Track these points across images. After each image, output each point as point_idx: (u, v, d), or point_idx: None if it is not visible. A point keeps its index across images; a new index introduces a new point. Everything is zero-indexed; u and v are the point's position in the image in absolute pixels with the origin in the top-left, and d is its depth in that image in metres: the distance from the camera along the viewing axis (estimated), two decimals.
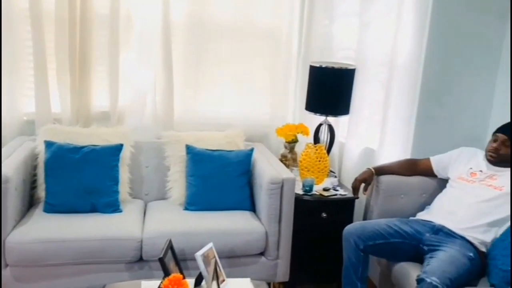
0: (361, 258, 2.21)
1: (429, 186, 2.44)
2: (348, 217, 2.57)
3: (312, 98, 2.75)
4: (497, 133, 2.20)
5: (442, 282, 1.82)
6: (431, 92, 2.59)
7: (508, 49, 2.60)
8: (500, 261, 1.95)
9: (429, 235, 2.16)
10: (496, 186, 2.16)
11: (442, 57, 2.57)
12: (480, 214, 2.14)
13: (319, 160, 2.65)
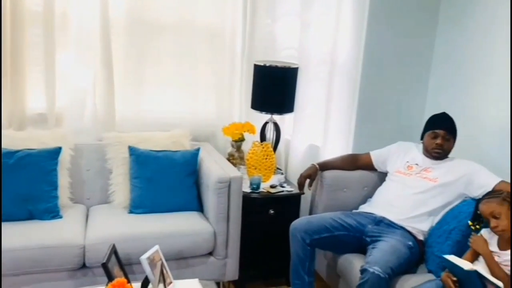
0: (308, 252, 2.25)
1: (370, 180, 2.54)
2: (295, 212, 2.62)
3: (257, 97, 2.77)
4: (436, 130, 2.28)
5: (384, 271, 1.89)
6: (370, 89, 2.70)
7: (440, 46, 2.76)
8: (436, 248, 2.06)
9: (371, 227, 2.25)
10: (431, 178, 2.28)
11: (379, 56, 2.69)
12: (417, 205, 2.24)
13: (265, 158, 2.67)
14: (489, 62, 2.44)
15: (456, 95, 2.63)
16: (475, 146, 2.47)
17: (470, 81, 2.56)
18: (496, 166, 2.24)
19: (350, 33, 2.63)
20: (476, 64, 2.51)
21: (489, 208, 1.76)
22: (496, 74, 2.40)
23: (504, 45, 2.34)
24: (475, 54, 2.52)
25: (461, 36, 2.61)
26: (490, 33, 2.43)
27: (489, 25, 2.44)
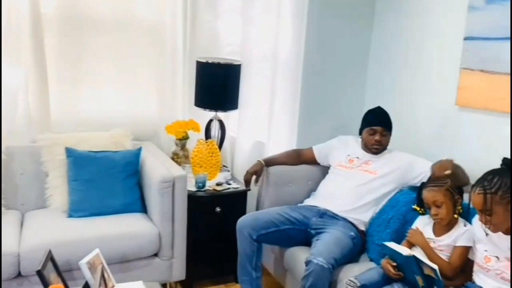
0: (255, 248, 2.26)
1: (313, 174, 2.59)
2: (241, 209, 2.61)
3: (201, 94, 2.73)
4: (373, 127, 2.35)
5: (328, 262, 1.94)
6: (311, 86, 2.76)
7: (376, 43, 2.87)
8: (376, 237, 2.14)
9: (315, 219, 2.29)
10: (371, 171, 2.36)
11: (319, 53, 2.75)
12: (359, 197, 2.32)
13: (211, 156, 2.65)
14: (418, 58, 2.56)
15: (392, 89, 2.75)
16: (411, 136, 2.59)
17: (403, 75, 2.68)
18: (431, 155, 2.36)
19: (290, 30, 2.67)
20: (408, 60, 2.63)
21: (433, 197, 1.84)
22: (425, 68, 2.52)
23: (433, 40, 2.47)
24: (407, 51, 2.64)
25: (394, 34, 2.73)
26: (420, 30, 2.55)
27: (419, 23, 2.56)
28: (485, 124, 2.20)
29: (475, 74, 2.18)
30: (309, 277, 1.94)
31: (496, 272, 1.64)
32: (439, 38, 2.44)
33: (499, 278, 1.63)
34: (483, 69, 2.15)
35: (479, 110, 2.21)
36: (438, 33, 2.44)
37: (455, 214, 1.85)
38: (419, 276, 1.70)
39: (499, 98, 2.09)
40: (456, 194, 1.86)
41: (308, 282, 1.95)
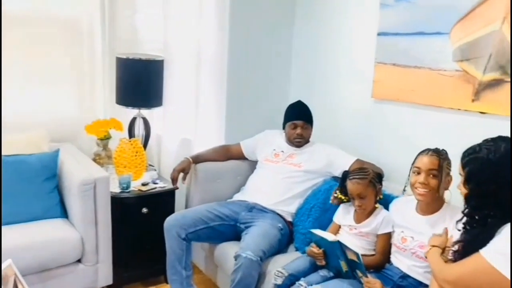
0: (184, 247, 2.23)
1: (241, 169, 2.61)
2: (170, 208, 2.56)
3: (122, 91, 2.64)
4: (294, 121, 2.42)
5: (256, 254, 1.97)
6: (237, 81, 2.76)
7: (298, 39, 2.94)
8: (300, 227, 2.21)
9: (244, 214, 2.31)
10: (295, 163, 2.41)
11: (244, 48, 2.76)
12: (285, 190, 2.36)
13: (135, 155, 2.56)
14: (337, 53, 2.67)
15: (315, 83, 2.83)
16: (334, 129, 2.68)
17: (324, 70, 2.77)
18: (352, 146, 2.48)
19: (214, 25, 2.65)
20: (328, 55, 2.73)
21: (357, 190, 1.92)
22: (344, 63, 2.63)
23: (349, 35, 2.58)
24: (327, 47, 2.73)
25: (315, 26, 2.80)
26: (338, 26, 2.65)
27: (337, 19, 2.66)
28: (399, 115, 2.33)
29: (388, 68, 2.31)
30: (239, 271, 1.96)
31: (411, 251, 1.75)
32: (355, 33, 2.55)
33: (414, 256, 1.75)
34: (395, 63, 2.28)
35: (392, 102, 2.35)
36: (354, 29, 2.55)
37: (376, 204, 1.95)
38: (343, 261, 1.77)
39: (410, 90, 2.23)
40: (377, 184, 1.95)
41: (237, 276, 1.96)
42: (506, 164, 1.30)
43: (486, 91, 1.91)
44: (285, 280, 1.87)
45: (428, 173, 1.71)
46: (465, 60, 1.98)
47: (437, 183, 1.69)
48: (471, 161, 1.36)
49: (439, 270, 1.43)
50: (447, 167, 1.72)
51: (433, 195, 1.71)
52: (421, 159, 1.74)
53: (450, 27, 2.02)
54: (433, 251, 1.56)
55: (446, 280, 1.35)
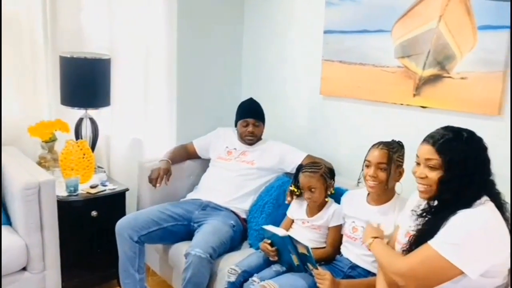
0: (137, 250, 2.19)
1: (194, 168, 2.60)
2: (121, 211, 2.50)
3: (67, 91, 2.54)
4: (246, 119, 2.42)
5: (205, 251, 1.97)
6: (187, 78, 2.73)
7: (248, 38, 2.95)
8: (253, 223, 2.22)
9: (198, 212, 2.30)
10: (248, 161, 2.43)
11: (193, 46, 2.74)
12: (238, 187, 2.37)
13: (83, 157, 2.48)
14: (286, 51, 2.70)
15: (265, 81, 2.86)
16: (285, 126, 2.72)
17: (274, 68, 2.80)
18: (303, 143, 2.52)
19: (162, 22, 2.61)
20: (278, 53, 2.76)
21: (308, 183, 1.95)
22: (293, 61, 2.67)
23: (298, 34, 2.62)
24: (276, 45, 2.76)
25: (263, 24, 2.83)
26: (286, 24, 2.69)
27: (285, 17, 2.70)
28: (346, 111, 2.40)
29: (335, 65, 2.37)
30: (189, 269, 1.95)
31: (361, 241, 1.81)
32: (303, 32, 2.59)
33: (364, 245, 1.79)
34: (341, 60, 2.34)
35: (340, 98, 2.41)
36: (302, 27, 2.59)
37: (326, 198, 1.99)
38: (294, 255, 1.81)
39: (356, 87, 2.30)
40: (328, 179, 1.99)
41: (188, 274, 1.96)
42: (477, 148, 1.36)
43: (426, 86, 2.01)
44: (239, 277, 1.89)
45: (377, 166, 1.76)
46: (406, 56, 2.06)
47: (386, 176, 1.75)
48: (447, 147, 1.35)
49: (388, 262, 1.44)
50: (398, 159, 1.77)
51: (382, 187, 1.76)
52: (372, 153, 1.79)
53: (391, 25, 2.10)
54: (377, 243, 1.58)
55: (396, 272, 1.36)
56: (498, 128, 1.79)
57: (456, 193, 1.33)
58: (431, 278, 1.29)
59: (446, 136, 1.37)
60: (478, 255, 1.27)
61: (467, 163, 1.33)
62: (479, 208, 1.32)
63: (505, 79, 1.75)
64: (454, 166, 1.33)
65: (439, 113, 1.98)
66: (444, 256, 1.26)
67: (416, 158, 1.43)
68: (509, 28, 1.72)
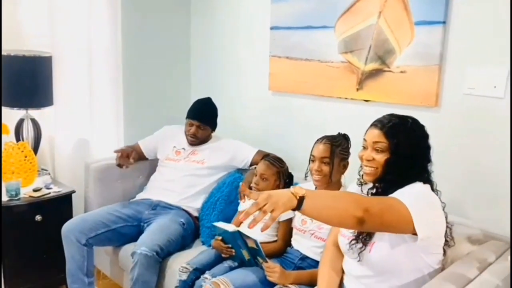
0: (85, 253, 2.14)
1: (143, 168, 2.55)
2: (67, 213, 2.41)
3: (6, 91, 2.40)
4: (192, 120, 2.35)
5: (151, 249, 1.94)
6: (134, 75, 2.68)
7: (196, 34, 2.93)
8: (205, 220, 2.22)
9: (148, 212, 2.26)
10: (198, 160, 2.39)
11: (139, 44, 2.69)
12: (189, 187, 2.35)
13: (24, 159, 2.37)
14: (235, 48, 2.71)
15: (216, 78, 2.85)
16: (238, 122, 2.72)
17: (224, 64, 2.80)
18: (253, 138, 2.54)
19: (105, 18, 2.54)
20: (227, 49, 2.76)
21: (262, 170, 1.99)
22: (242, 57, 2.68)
23: (245, 30, 2.63)
24: (225, 41, 2.76)
25: (211, 20, 2.82)
26: (234, 21, 2.70)
27: (233, 13, 2.70)
28: (295, 106, 2.44)
29: (282, 61, 2.40)
30: (135, 268, 1.93)
31: (310, 233, 1.84)
32: (250, 28, 2.60)
33: (313, 237, 1.84)
34: (288, 56, 2.37)
35: (288, 94, 2.44)
36: (249, 24, 2.60)
37: None
38: (244, 249, 1.82)
39: (303, 82, 2.33)
40: (283, 180, 2.02)
41: (135, 273, 1.93)
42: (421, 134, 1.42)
43: (368, 80, 2.07)
44: (190, 275, 1.88)
45: (321, 160, 1.80)
46: (349, 52, 2.12)
47: (330, 170, 1.79)
48: (396, 131, 1.40)
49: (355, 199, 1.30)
50: (342, 153, 1.81)
51: (327, 180, 1.80)
52: (316, 147, 1.83)
53: (334, 21, 2.15)
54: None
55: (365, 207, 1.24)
56: (435, 119, 1.88)
57: (400, 175, 1.40)
58: (386, 213, 1.28)
59: (393, 121, 1.43)
60: (427, 218, 1.33)
61: (411, 147, 1.40)
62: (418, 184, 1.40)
63: (440, 72, 1.84)
64: (400, 149, 1.39)
65: (381, 106, 2.04)
66: (405, 204, 1.28)
67: (363, 142, 1.48)
68: (442, 23, 1.80)
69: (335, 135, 1.86)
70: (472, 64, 1.76)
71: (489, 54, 1.72)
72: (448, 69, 1.83)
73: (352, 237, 1.47)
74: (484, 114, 1.76)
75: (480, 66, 1.74)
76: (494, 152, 1.75)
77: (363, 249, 1.42)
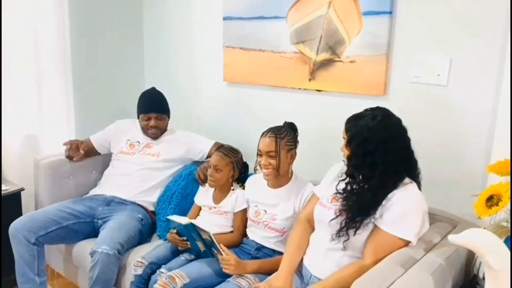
0: (35, 252, 2.07)
1: (97, 163, 2.49)
2: (16, 212, 2.31)
3: None
4: (148, 113, 2.31)
5: (112, 248, 1.90)
6: (83, 68, 2.60)
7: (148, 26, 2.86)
8: (161, 215, 2.19)
9: (102, 208, 2.21)
10: (153, 153, 2.35)
11: (88, 36, 2.60)
12: (144, 180, 2.30)
13: None
14: (189, 39, 2.68)
15: (170, 69, 2.81)
16: (193, 113, 2.70)
17: (178, 55, 2.76)
18: (210, 130, 2.52)
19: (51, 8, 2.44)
20: (181, 40, 2.72)
21: (216, 161, 1.97)
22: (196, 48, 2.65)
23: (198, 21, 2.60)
24: (179, 32, 2.72)
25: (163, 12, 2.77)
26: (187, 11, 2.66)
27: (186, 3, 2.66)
28: (249, 97, 2.44)
29: (236, 51, 2.39)
30: (96, 267, 1.88)
31: (264, 224, 1.86)
32: (204, 18, 2.58)
33: (267, 228, 1.85)
34: (242, 46, 2.37)
35: (243, 85, 2.44)
36: (203, 14, 2.57)
37: (232, 186, 2.01)
38: (199, 241, 1.81)
39: (257, 72, 2.34)
40: (237, 169, 2.00)
41: (95, 272, 1.88)
42: (381, 130, 1.45)
43: (320, 71, 2.10)
44: (146, 269, 1.85)
45: (267, 154, 1.78)
46: (300, 42, 2.14)
47: (277, 163, 1.78)
48: (353, 126, 1.50)
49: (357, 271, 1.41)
50: (288, 144, 1.80)
51: (276, 173, 1.79)
52: (261, 142, 1.81)
53: (286, 11, 2.16)
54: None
55: (368, 266, 1.41)
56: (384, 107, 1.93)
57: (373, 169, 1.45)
58: (388, 253, 1.43)
59: (358, 116, 1.51)
60: (419, 227, 1.45)
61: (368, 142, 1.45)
62: (409, 187, 1.48)
63: (388, 61, 1.89)
64: (354, 144, 1.48)
65: (333, 96, 2.09)
66: (398, 236, 1.43)
67: (343, 134, 1.56)
68: (389, 13, 1.85)
69: (280, 126, 1.85)
70: (418, 53, 1.82)
71: (433, 43, 1.78)
72: (395, 58, 1.89)
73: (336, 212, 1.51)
74: (429, 102, 1.82)
75: (425, 55, 1.80)
76: (438, 137, 1.82)
77: (347, 238, 1.48)
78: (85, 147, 2.29)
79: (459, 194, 1.72)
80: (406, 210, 1.44)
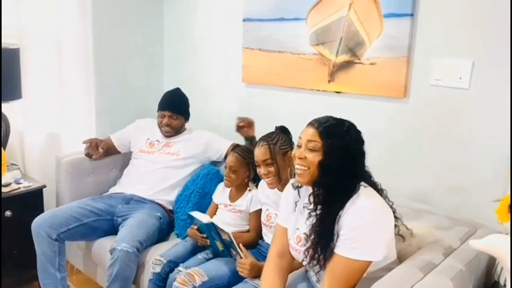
0: (57, 248, 2.11)
1: (116, 162, 2.53)
2: (38, 209, 2.36)
3: None
4: (163, 111, 2.35)
5: (132, 246, 1.93)
6: (105, 67, 2.64)
7: (169, 27, 2.90)
8: (180, 213, 2.21)
9: (121, 206, 2.24)
10: (173, 152, 2.39)
11: (111, 35, 2.64)
12: (163, 179, 2.33)
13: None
14: (209, 40, 2.70)
15: (189, 69, 2.83)
16: (213, 114, 2.72)
17: (198, 56, 2.78)
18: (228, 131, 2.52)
19: (75, 9, 2.49)
20: (202, 41, 2.74)
21: (231, 162, 1.98)
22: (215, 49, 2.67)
23: (218, 22, 2.62)
24: (198, 33, 2.75)
25: (185, 18, 2.80)
26: (207, 12, 2.68)
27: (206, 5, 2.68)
28: (268, 98, 2.44)
29: (255, 53, 2.40)
30: (115, 264, 1.91)
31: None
32: (223, 20, 2.59)
33: None
34: (261, 48, 2.38)
35: (261, 86, 2.45)
36: (222, 15, 2.59)
37: (249, 186, 2.02)
38: (218, 241, 1.83)
39: (275, 74, 2.35)
40: (252, 170, 1.99)
41: (114, 269, 1.91)
42: (355, 136, 1.39)
43: (340, 72, 2.10)
44: (164, 267, 1.88)
45: (264, 163, 1.76)
46: (320, 44, 2.14)
47: (276, 169, 1.75)
48: (329, 131, 1.36)
49: None
50: (282, 148, 1.77)
51: (278, 179, 1.77)
52: (256, 153, 1.78)
53: (306, 13, 2.16)
54: None
55: None
56: (404, 110, 1.92)
57: (336, 178, 1.34)
58: (351, 279, 1.33)
59: (330, 121, 1.39)
60: (379, 241, 1.34)
61: (346, 150, 1.35)
62: (360, 199, 1.34)
63: (408, 64, 1.88)
64: (333, 151, 1.34)
65: (352, 98, 2.08)
66: (356, 259, 1.30)
67: (298, 141, 1.42)
68: (410, 16, 1.84)
69: (271, 132, 1.83)
70: (439, 55, 1.81)
71: (455, 46, 1.77)
72: (416, 60, 1.87)
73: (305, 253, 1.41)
74: (449, 105, 1.81)
75: (446, 58, 1.79)
76: (459, 142, 1.80)
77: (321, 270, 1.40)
78: (104, 145, 2.34)
79: (480, 199, 1.70)
80: (358, 226, 1.31)
